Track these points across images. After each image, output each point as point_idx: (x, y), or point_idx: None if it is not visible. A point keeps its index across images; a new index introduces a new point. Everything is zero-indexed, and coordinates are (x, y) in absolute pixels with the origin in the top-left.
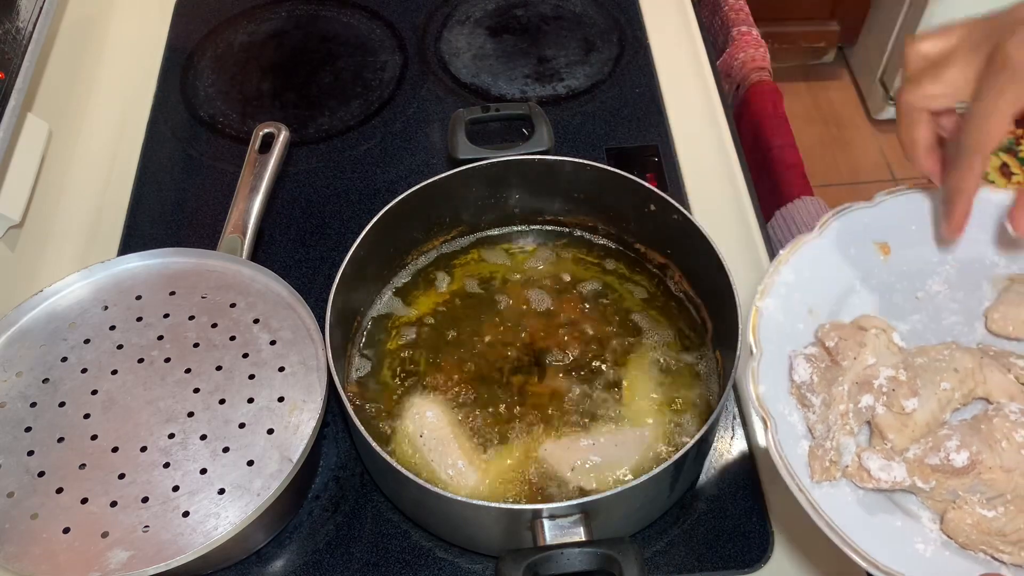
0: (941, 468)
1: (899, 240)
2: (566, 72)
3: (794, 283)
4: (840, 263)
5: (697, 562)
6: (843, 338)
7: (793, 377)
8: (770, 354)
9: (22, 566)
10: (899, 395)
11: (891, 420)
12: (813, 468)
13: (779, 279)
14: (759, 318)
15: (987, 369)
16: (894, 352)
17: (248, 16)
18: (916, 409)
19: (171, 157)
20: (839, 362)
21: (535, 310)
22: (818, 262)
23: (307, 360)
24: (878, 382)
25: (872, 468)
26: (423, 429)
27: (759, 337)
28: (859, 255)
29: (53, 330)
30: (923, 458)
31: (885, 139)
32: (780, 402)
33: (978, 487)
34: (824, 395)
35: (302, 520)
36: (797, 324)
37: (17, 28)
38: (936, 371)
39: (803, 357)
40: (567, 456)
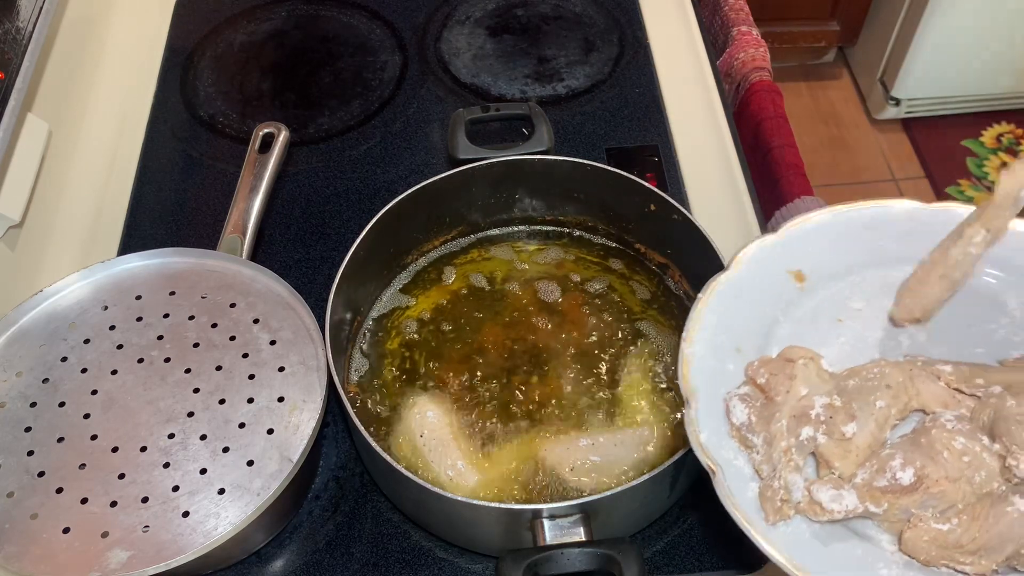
0: (890, 489)
1: (812, 265)
2: (566, 72)
3: (717, 324)
4: (758, 297)
5: (697, 562)
6: (772, 373)
7: (731, 420)
8: (706, 399)
9: (22, 566)
10: (837, 422)
11: (833, 448)
12: (766, 510)
13: (702, 322)
14: (688, 365)
15: (918, 380)
16: (825, 379)
17: (248, 16)
18: (856, 433)
19: (171, 157)
20: (773, 398)
21: (535, 310)
22: (737, 299)
23: (307, 360)
24: (815, 412)
25: (823, 500)
26: (423, 429)
27: (691, 384)
28: (775, 286)
29: (53, 330)
30: (871, 482)
31: (885, 139)
32: (724, 448)
33: (929, 502)
34: (764, 434)
35: (302, 520)
36: (727, 365)
37: (17, 28)
38: (869, 391)
39: (738, 398)
40: (567, 456)
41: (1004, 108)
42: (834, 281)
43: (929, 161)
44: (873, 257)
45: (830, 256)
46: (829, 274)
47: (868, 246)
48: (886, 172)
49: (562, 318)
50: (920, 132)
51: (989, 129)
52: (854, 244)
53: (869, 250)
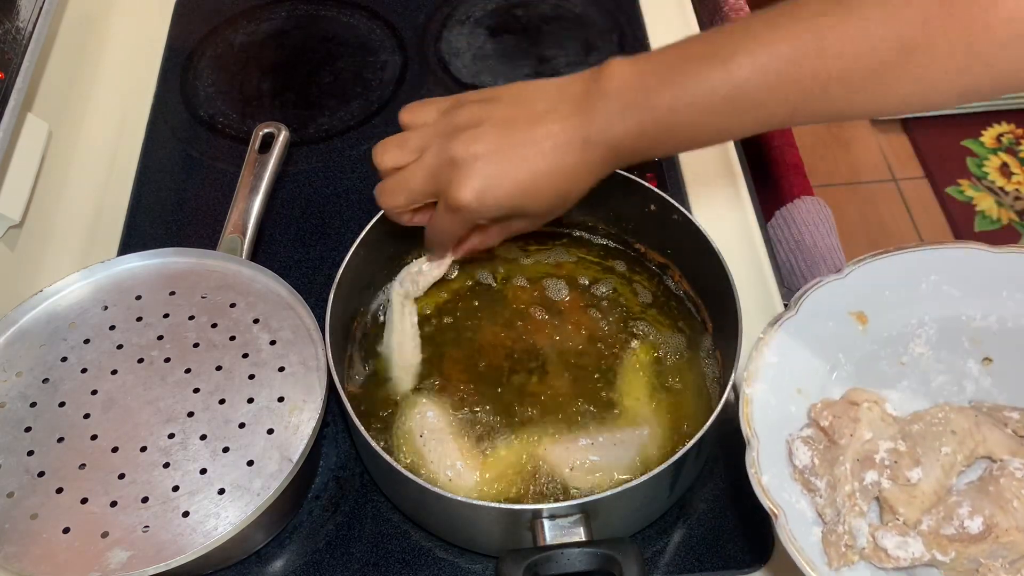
0: (958, 537)
1: (874, 308)
2: (566, 72)
3: (778, 364)
4: (820, 338)
5: (697, 562)
6: (836, 416)
7: (794, 462)
8: (767, 441)
9: (22, 566)
10: (902, 467)
11: (898, 493)
12: (830, 555)
13: (763, 362)
14: (750, 405)
15: (984, 427)
16: (889, 423)
17: (248, 16)
18: (921, 478)
19: (171, 157)
20: (836, 441)
21: (535, 310)
22: (799, 340)
23: (307, 360)
24: (879, 456)
25: (889, 547)
26: (423, 429)
27: (754, 426)
28: (837, 328)
29: (53, 330)
30: (938, 529)
31: (885, 139)
32: (785, 490)
33: (999, 552)
34: (828, 477)
35: (302, 520)
36: (789, 407)
37: (17, 28)
38: (934, 436)
39: (800, 441)
40: (567, 456)
41: (1004, 108)
42: (896, 324)
43: (929, 161)
44: (936, 301)
45: (892, 298)
46: (891, 317)
47: (931, 290)
48: (886, 172)
49: (562, 318)
50: (920, 132)
51: (989, 129)
52: (917, 287)
53: (932, 294)
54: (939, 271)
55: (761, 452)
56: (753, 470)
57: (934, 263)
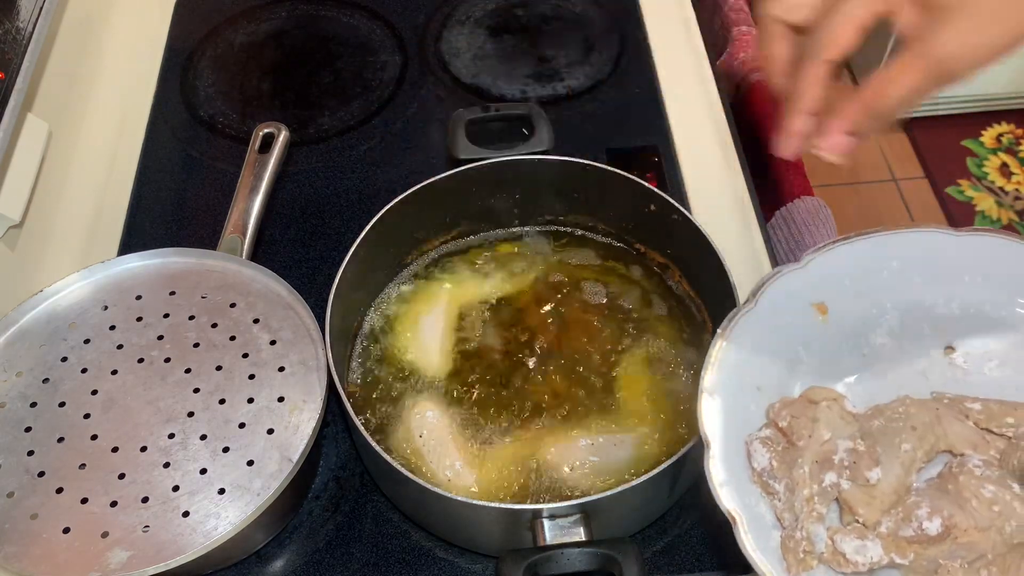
0: (916, 539)
1: (835, 297)
2: (566, 72)
3: (736, 362)
4: (780, 332)
5: (697, 562)
6: (795, 416)
7: (752, 465)
8: (726, 442)
9: (22, 566)
10: (861, 467)
11: (858, 494)
12: (788, 561)
13: (721, 359)
14: (707, 407)
15: (945, 421)
16: (848, 421)
17: (248, 16)
18: (881, 478)
19: (171, 157)
20: (795, 442)
21: (535, 310)
22: (758, 335)
23: (307, 360)
24: (838, 456)
25: (847, 552)
26: (423, 429)
27: (710, 428)
28: (797, 320)
29: (53, 330)
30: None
31: (885, 139)
32: (745, 493)
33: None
34: (786, 480)
35: (302, 520)
36: (748, 405)
37: (17, 28)
38: (894, 433)
39: (759, 442)
40: (566, 456)
41: (1004, 108)
42: (857, 313)
43: (929, 161)
44: (897, 288)
45: (853, 287)
46: (852, 306)
47: (892, 276)
48: (886, 172)
49: (562, 318)
50: (920, 132)
51: (989, 129)
52: (878, 274)
53: (893, 281)
54: (900, 257)
55: (719, 454)
56: (710, 474)
57: (895, 248)
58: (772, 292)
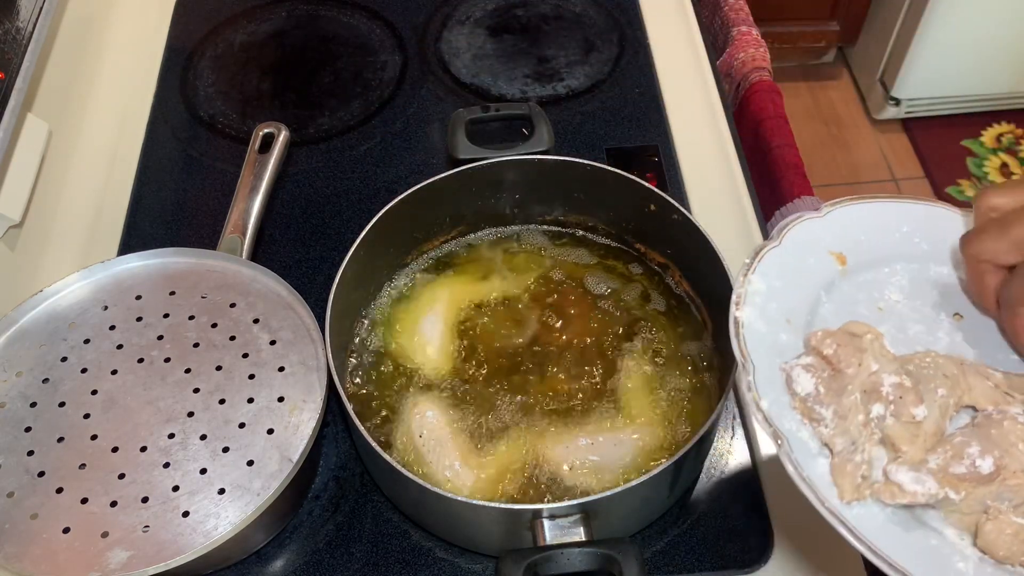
0: (968, 476)
1: (851, 249)
2: (566, 72)
3: (766, 292)
4: (804, 272)
5: (697, 562)
6: (841, 344)
7: (796, 390)
8: (762, 367)
9: (22, 566)
10: (907, 403)
11: (902, 430)
12: (843, 487)
13: (751, 288)
14: (743, 329)
15: (970, 375)
16: (890, 359)
17: (248, 16)
18: (925, 416)
19: (171, 157)
20: (843, 370)
21: (535, 310)
22: (784, 271)
23: (307, 360)
24: (884, 390)
25: (904, 482)
26: (422, 429)
27: (748, 349)
28: (818, 265)
29: (53, 330)
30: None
31: (885, 139)
32: (785, 418)
33: (1005, 494)
34: (835, 406)
35: (302, 520)
36: (780, 335)
37: (17, 28)
38: (929, 379)
39: (801, 368)
40: (566, 456)
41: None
42: (872, 269)
43: (929, 161)
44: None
45: (868, 244)
46: (867, 261)
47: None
48: (886, 172)
49: (562, 318)
50: (920, 132)
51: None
52: (890, 235)
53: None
54: (910, 223)
55: (757, 376)
56: (752, 394)
57: (906, 215)
58: (795, 233)
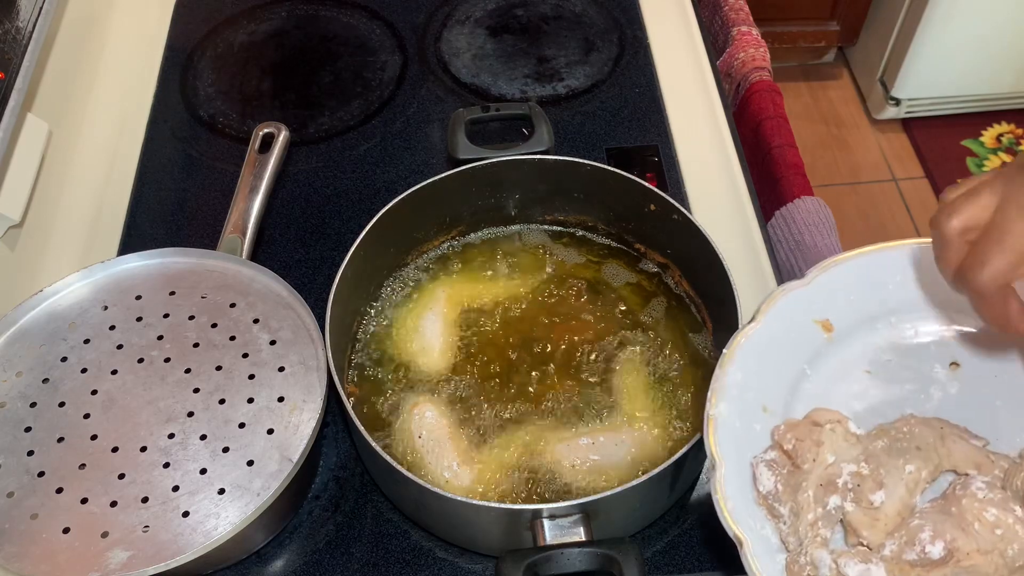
0: (919, 562)
1: (839, 314)
2: (566, 72)
3: (743, 382)
4: (785, 351)
5: (697, 562)
6: (799, 439)
7: (758, 488)
8: (731, 464)
9: (22, 566)
10: (865, 490)
11: (861, 516)
12: None
13: (727, 380)
14: (714, 428)
15: (949, 440)
16: (852, 444)
17: (248, 16)
18: (885, 500)
19: (171, 157)
20: (800, 466)
21: (535, 310)
22: (763, 354)
23: (307, 360)
24: (842, 480)
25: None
26: (422, 429)
27: (718, 448)
28: (801, 338)
29: (53, 330)
30: (900, 554)
31: (885, 139)
32: (750, 516)
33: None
34: (791, 503)
35: (302, 520)
36: (753, 426)
37: (17, 28)
38: (898, 453)
39: (764, 464)
40: (567, 456)
41: (1004, 108)
42: (862, 331)
43: (929, 161)
44: (902, 303)
45: (858, 303)
46: (857, 323)
47: (896, 291)
48: (886, 172)
49: (562, 318)
50: (920, 132)
51: (989, 129)
52: (882, 291)
53: (897, 295)
54: (902, 270)
55: (726, 476)
56: (718, 495)
57: (898, 263)
58: (776, 310)
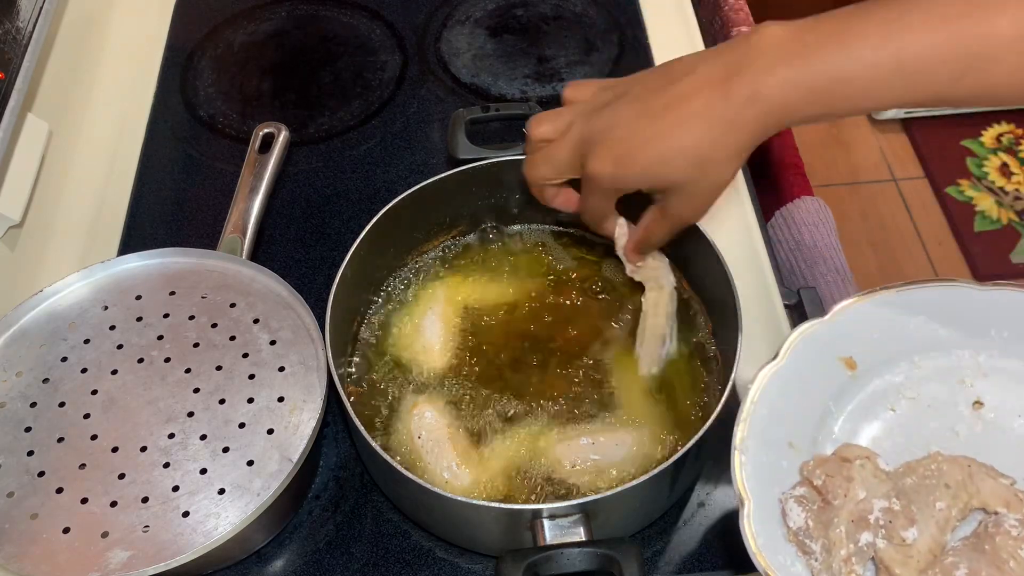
0: None
1: (863, 351)
2: (566, 72)
3: (768, 417)
4: (809, 387)
5: (697, 562)
6: (829, 475)
7: (788, 524)
8: (760, 500)
9: (22, 566)
10: (897, 526)
11: (894, 554)
12: None
13: (754, 415)
14: (741, 465)
15: (977, 478)
16: (882, 479)
17: (248, 16)
18: (917, 537)
19: (171, 157)
20: (831, 501)
21: (535, 310)
22: (788, 390)
23: (307, 360)
24: (873, 516)
25: None
26: (421, 430)
27: (745, 485)
28: (826, 375)
29: (53, 330)
30: None
31: (885, 139)
32: (779, 553)
33: None
34: (823, 540)
35: (302, 520)
36: (780, 462)
37: (17, 28)
38: (928, 491)
39: (794, 501)
40: (567, 456)
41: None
42: (886, 368)
43: (929, 161)
44: (925, 342)
45: (881, 341)
46: (881, 360)
47: (919, 330)
48: (886, 172)
49: (562, 318)
50: (920, 132)
51: (989, 129)
52: (905, 329)
53: (920, 334)
54: (927, 311)
55: (754, 513)
56: (748, 532)
57: (921, 302)
58: (799, 347)
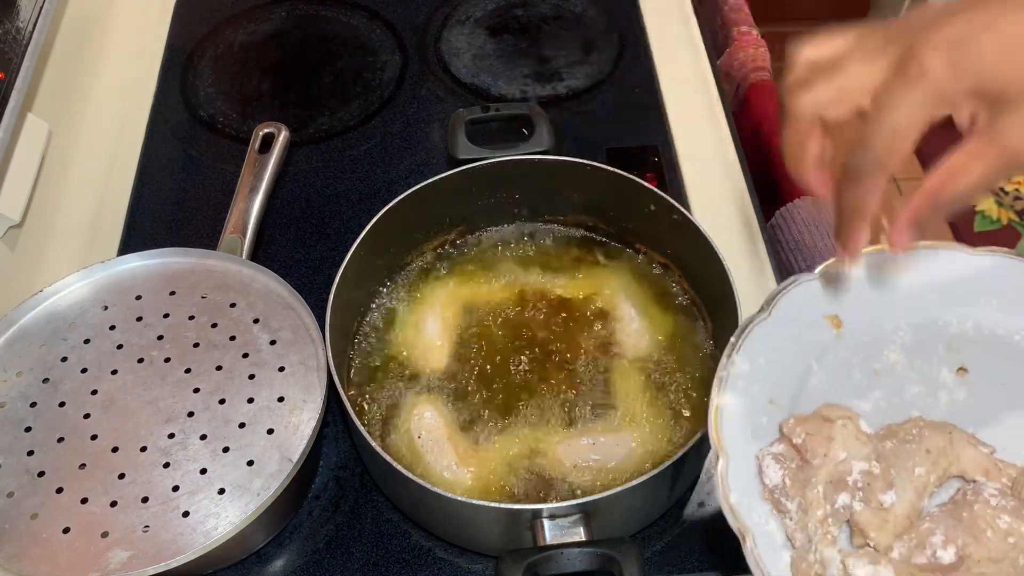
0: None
1: (849, 311)
2: (566, 72)
3: (750, 372)
4: (793, 344)
5: (697, 562)
6: (810, 433)
7: (764, 481)
8: (737, 456)
9: (22, 566)
10: (875, 489)
11: (870, 517)
12: None
13: (734, 370)
14: (720, 417)
15: (958, 445)
16: (863, 442)
17: (248, 16)
18: (894, 502)
19: (171, 157)
20: (809, 461)
21: (535, 310)
22: (771, 346)
23: (307, 360)
24: (852, 478)
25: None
26: (421, 430)
27: (723, 439)
28: (811, 332)
29: (53, 330)
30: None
31: None
32: (755, 510)
33: None
34: (799, 499)
35: (302, 520)
36: (760, 418)
37: (17, 28)
38: (907, 455)
39: (771, 457)
40: (567, 456)
41: None
42: (871, 329)
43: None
44: (912, 304)
45: (868, 301)
46: (866, 321)
47: (907, 293)
48: None
49: (562, 318)
50: None
51: None
52: (893, 290)
53: (908, 297)
54: (915, 272)
55: (730, 468)
56: (721, 487)
57: (910, 264)
58: (786, 302)
